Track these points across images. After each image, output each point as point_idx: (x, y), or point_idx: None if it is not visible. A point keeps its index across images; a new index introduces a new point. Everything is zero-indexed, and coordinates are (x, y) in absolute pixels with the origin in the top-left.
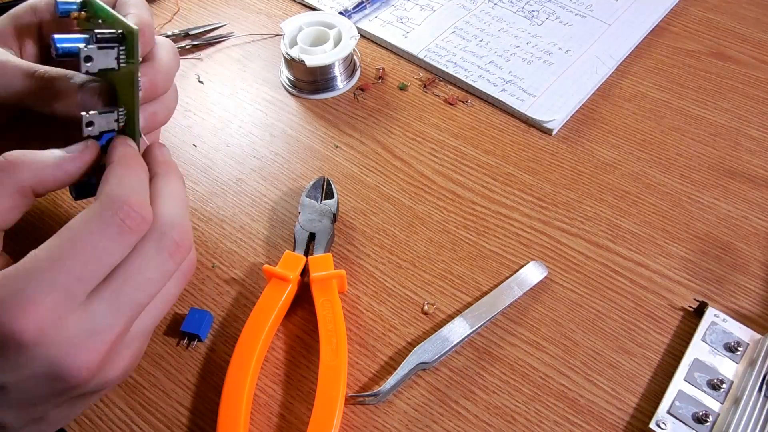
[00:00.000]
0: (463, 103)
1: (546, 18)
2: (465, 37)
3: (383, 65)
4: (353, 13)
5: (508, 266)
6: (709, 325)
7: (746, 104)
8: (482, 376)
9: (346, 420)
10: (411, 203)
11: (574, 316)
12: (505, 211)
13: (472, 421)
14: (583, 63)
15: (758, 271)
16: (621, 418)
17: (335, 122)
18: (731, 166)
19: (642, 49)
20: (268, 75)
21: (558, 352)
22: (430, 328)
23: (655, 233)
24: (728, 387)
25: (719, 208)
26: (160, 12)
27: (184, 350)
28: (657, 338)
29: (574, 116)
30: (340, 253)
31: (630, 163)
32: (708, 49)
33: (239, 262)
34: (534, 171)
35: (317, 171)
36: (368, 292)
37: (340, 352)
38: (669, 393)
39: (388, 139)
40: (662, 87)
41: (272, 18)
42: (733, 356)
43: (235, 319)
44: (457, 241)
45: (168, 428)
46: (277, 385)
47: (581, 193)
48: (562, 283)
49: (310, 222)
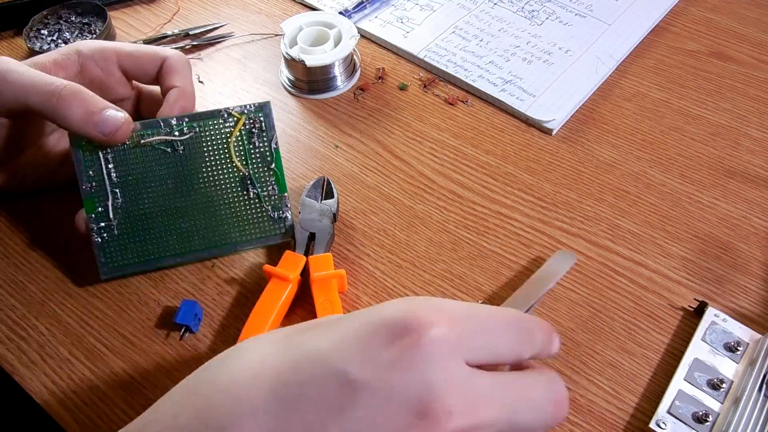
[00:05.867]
0: (463, 103)
1: (546, 18)
2: (465, 37)
3: (383, 65)
4: (353, 13)
5: (508, 266)
6: (709, 325)
7: (746, 104)
8: None
9: None
10: (411, 203)
11: (574, 316)
12: (505, 211)
13: None
14: (583, 63)
15: (758, 271)
16: (621, 418)
17: (335, 122)
18: (731, 166)
19: (642, 49)
20: (268, 75)
21: (558, 352)
22: None
23: (655, 233)
24: (728, 387)
25: (719, 208)
26: (160, 12)
27: (183, 350)
28: (657, 338)
29: (574, 116)
30: (340, 253)
31: (630, 163)
32: (708, 49)
33: (239, 262)
34: (534, 171)
35: (317, 171)
36: (368, 292)
37: None
38: (669, 393)
39: (388, 139)
40: (662, 87)
41: (272, 18)
42: (733, 356)
43: (235, 319)
44: (457, 241)
45: None
46: None
47: (581, 193)
48: (562, 283)
49: (310, 222)
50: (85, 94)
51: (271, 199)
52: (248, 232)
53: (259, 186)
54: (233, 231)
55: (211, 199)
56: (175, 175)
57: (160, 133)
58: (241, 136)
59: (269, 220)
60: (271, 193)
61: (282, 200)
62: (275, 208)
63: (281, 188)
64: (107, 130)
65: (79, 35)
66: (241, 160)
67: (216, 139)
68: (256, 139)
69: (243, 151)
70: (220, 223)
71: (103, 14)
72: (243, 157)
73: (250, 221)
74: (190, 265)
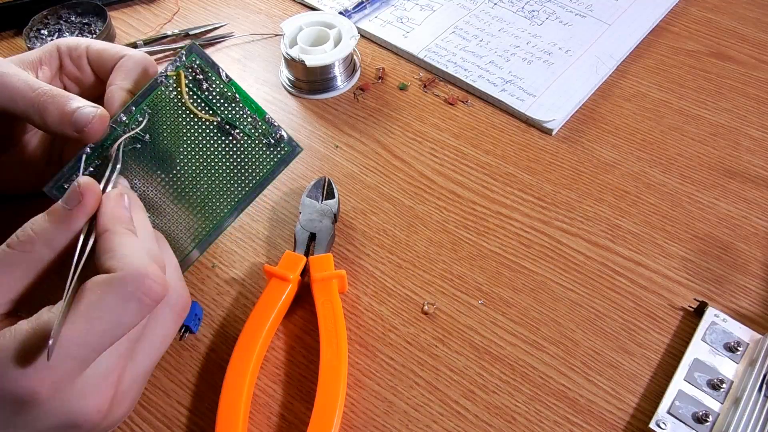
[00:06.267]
0: (463, 103)
1: (546, 18)
2: (465, 37)
3: (383, 65)
4: (353, 13)
5: (508, 266)
6: (709, 325)
7: (746, 104)
8: (482, 376)
9: (346, 420)
10: (411, 203)
11: (574, 316)
12: (505, 211)
13: (472, 421)
14: (583, 63)
15: (758, 271)
16: (621, 418)
17: (335, 122)
18: (731, 166)
19: (642, 49)
20: (268, 75)
21: (558, 352)
22: (431, 328)
23: (655, 233)
24: (728, 387)
25: (719, 208)
26: (160, 12)
27: (183, 350)
28: (657, 338)
29: (574, 116)
30: (341, 253)
31: (630, 163)
32: (708, 49)
33: (239, 262)
34: (534, 171)
35: (317, 171)
36: (368, 292)
37: (340, 352)
38: (669, 393)
39: (388, 139)
40: (662, 87)
41: (272, 18)
42: (733, 356)
43: (235, 319)
44: (457, 241)
45: (168, 428)
46: (277, 385)
47: (581, 193)
48: (562, 283)
49: (310, 222)
50: (60, 97)
51: (257, 127)
52: (257, 170)
53: (238, 123)
54: (244, 178)
55: (206, 163)
56: (159, 163)
57: (119, 134)
58: (192, 90)
59: (268, 147)
60: (253, 123)
61: (268, 123)
62: (266, 133)
63: (259, 112)
64: (78, 126)
65: (79, 35)
66: (207, 111)
67: (171, 107)
68: (206, 83)
69: (202, 101)
70: (228, 179)
71: (103, 14)
72: (207, 107)
73: (252, 160)
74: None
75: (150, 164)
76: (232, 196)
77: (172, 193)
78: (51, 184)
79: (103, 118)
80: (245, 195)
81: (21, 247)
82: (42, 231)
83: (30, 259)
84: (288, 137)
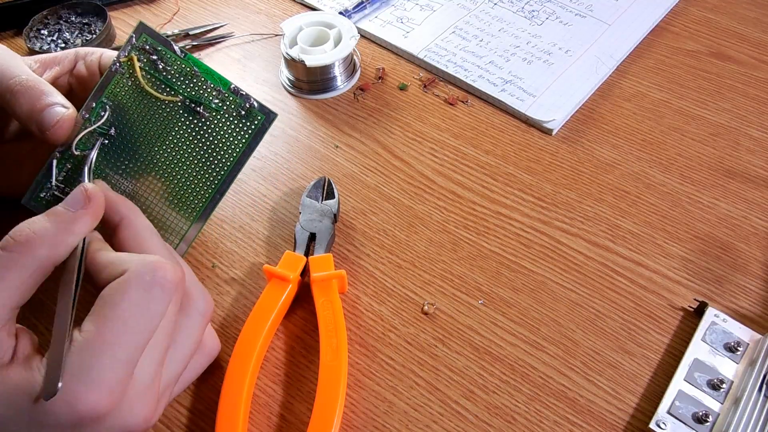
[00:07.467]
0: (463, 103)
1: (546, 18)
2: (465, 37)
3: (383, 65)
4: (353, 13)
5: (508, 266)
6: (709, 325)
7: (746, 104)
8: (482, 376)
9: (346, 420)
10: (411, 203)
11: (574, 316)
12: (505, 211)
13: (472, 421)
14: (583, 63)
15: (758, 271)
16: (621, 418)
17: (335, 122)
18: (731, 166)
19: (642, 49)
20: (268, 75)
21: (558, 352)
22: (431, 328)
23: (655, 233)
24: (728, 387)
25: (719, 208)
26: (160, 12)
27: None
28: (657, 338)
29: (574, 116)
30: (340, 253)
31: (630, 163)
32: (708, 49)
33: (239, 262)
34: (534, 171)
35: (317, 171)
36: (368, 292)
37: (340, 352)
38: (669, 393)
39: (388, 139)
40: (662, 87)
41: (272, 18)
42: (733, 356)
43: (234, 319)
44: (457, 241)
45: (167, 428)
46: (277, 385)
47: (581, 193)
48: (562, 283)
49: (310, 222)
50: (34, 90)
51: (225, 100)
52: (233, 145)
53: (203, 99)
54: (221, 156)
55: (178, 147)
56: (131, 155)
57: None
58: (149, 72)
59: (240, 119)
60: (219, 96)
61: (234, 93)
62: (235, 105)
63: (223, 84)
64: (42, 127)
65: (79, 35)
66: (168, 92)
67: (131, 95)
68: (161, 63)
69: (162, 82)
70: (206, 157)
71: (103, 14)
72: (168, 88)
73: (226, 136)
74: (190, 265)
75: (121, 158)
76: (213, 177)
77: (154, 185)
78: (28, 196)
79: (69, 121)
80: (226, 173)
81: (19, 248)
82: (43, 231)
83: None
84: (259, 105)
